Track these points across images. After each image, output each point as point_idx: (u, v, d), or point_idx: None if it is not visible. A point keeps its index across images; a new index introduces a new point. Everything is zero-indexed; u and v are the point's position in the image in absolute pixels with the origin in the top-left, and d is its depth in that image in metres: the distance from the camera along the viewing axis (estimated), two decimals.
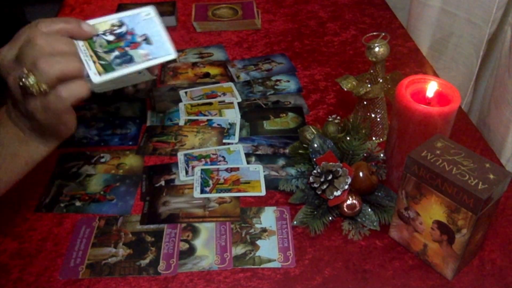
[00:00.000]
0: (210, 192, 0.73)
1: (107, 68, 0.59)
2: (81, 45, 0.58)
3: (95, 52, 0.59)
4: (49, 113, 0.55)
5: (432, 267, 0.64)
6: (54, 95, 0.53)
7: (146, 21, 0.63)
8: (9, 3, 2.18)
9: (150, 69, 0.65)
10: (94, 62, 0.58)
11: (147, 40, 0.62)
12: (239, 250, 0.66)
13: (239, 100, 0.91)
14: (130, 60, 0.60)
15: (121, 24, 0.61)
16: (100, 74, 0.58)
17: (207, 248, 0.66)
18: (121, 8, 1.17)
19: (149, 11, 0.63)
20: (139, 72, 0.91)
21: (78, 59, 0.56)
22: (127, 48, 0.60)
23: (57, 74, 0.53)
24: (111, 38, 0.60)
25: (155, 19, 0.63)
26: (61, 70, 0.53)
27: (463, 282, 0.62)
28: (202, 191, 0.73)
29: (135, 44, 0.61)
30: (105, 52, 0.59)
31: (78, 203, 0.72)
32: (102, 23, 0.61)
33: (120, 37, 0.61)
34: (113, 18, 0.62)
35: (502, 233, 0.68)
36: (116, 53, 0.60)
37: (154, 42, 0.62)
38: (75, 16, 1.18)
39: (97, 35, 0.60)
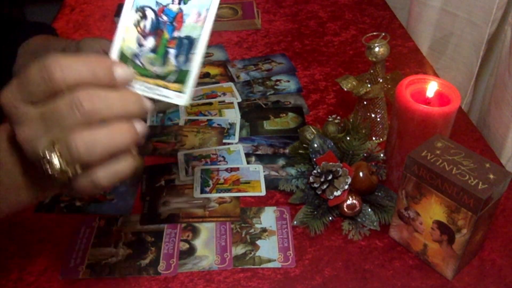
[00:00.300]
0: (210, 192, 0.73)
1: (181, 77, 0.43)
2: (135, 85, 0.42)
3: (155, 76, 0.43)
4: (74, 193, 0.41)
5: (432, 267, 0.64)
6: (87, 179, 0.38)
7: None
8: (8, 3, 2.18)
9: None
10: (165, 87, 0.43)
11: None
12: (239, 250, 0.66)
13: (239, 100, 0.91)
14: (191, 43, 0.43)
15: (143, 11, 0.43)
16: (182, 92, 0.43)
17: (207, 248, 0.66)
18: (121, 8, 1.16)
19: None
20: None
21: (131, 125, 0.39)
22: (176, 34, 0.43)
23: (98, 157, 0.37)
24: (151, 42, 0.43)
25: None
26: (106, 151, 0.38)
27: (463, 282, 0.62)
28: (202, 191, 0.73)
29: (177, 19, 0.43)
30: (163, 64, 0.43)
31: (78, 203, 0.72)
32: (128, 33, 0.43)
33: (157, 29, 0.43)
34: (129, 10, 0.43)
35: (502, 233, 0.68)
36: (172, 51, 0.43)
37: None
38: (74, 17, 1.18)
39: (137, 55, 0.43)
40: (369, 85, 0.78)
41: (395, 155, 0.71)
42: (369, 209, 0.69)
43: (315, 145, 0.72)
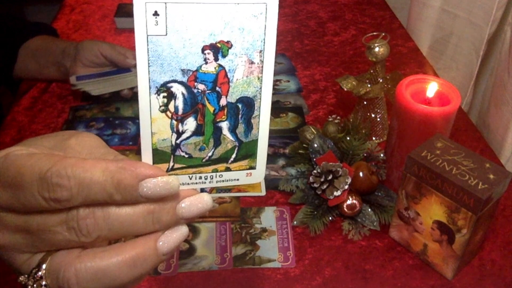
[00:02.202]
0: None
1: (246, 151, 0.35)
2: (184, 182, 0.34)
3: (210, 162, 0.34)
4: None
5: (432, 267, 0.64)
6: None
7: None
8: (8, 3, 2.18)
9: None
10: (227, 170, 0.35)
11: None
12: (239, 250, 0.66)
13: None
14: (249, 104, 0.34)
15: (168, 90, 0.31)
16: (252, 167, 0.35)
17: (207, 248, 0.66)
18: (121, 8, 1.16)
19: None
20: (136, 75, 0.90)
21: (153, 252, 0.31)
22: (223, 101, 0.33)
23: None
24: (192, 124, 0.33)
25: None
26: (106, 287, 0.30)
27: (463, 282, 0.62)
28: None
29: (220, 81, 0.32)
30: (216, 145, 0.34)
31: None
32: (157, 125, 0.32)
33: (195, 104, 0.32)
34: (146, 97, 0.31)
35: (502, 233, 0.68)
36: (224, 125, 0.34)
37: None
38: (74, 17, 1.18)
39: (177, 145, 0.33)
40: (369, 85, 0.78)
41: (395, 155, 0.71)
42: (369, 209, 0.69)
43: (315, 145, 0.72)
